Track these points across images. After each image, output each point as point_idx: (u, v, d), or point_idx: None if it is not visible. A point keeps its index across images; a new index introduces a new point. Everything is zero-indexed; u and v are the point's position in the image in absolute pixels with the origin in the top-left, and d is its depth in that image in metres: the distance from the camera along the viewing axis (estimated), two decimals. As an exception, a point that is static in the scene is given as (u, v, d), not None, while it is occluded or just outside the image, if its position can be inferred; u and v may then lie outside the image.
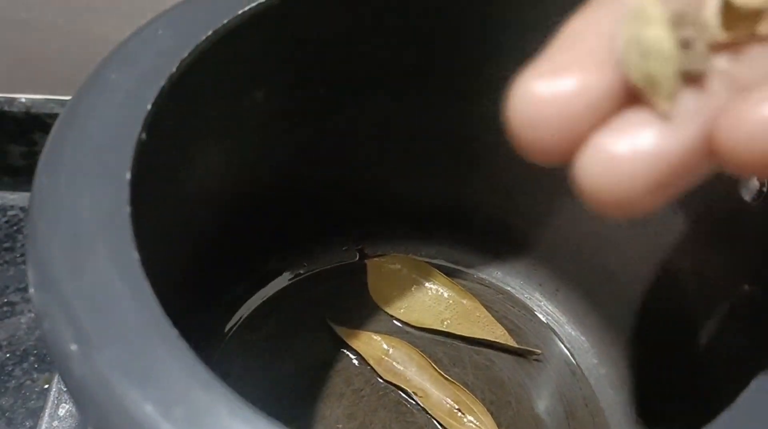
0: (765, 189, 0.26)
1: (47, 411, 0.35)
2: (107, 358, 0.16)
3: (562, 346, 0.39)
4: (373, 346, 0.38)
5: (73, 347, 0.17)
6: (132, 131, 0.21)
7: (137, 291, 0.17)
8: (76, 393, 0.17)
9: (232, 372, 0.36)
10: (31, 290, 0.18)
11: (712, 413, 0.18)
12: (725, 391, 0.19)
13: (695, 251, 0.30)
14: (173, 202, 0.28)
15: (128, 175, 0.20)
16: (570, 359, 0.38)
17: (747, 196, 0.26)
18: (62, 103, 0.44)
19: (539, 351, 0.38)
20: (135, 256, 0.18)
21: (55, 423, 0.35)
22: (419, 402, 0.36)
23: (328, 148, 0.36)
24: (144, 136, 0.21)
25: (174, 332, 0.16)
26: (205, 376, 0.16)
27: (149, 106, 0.21)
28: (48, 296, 0.18)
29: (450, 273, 0.41)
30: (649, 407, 0.35)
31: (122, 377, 0.16)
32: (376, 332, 0.38)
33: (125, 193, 0.19)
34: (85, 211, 0.19)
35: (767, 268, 0.25)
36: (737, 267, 0.28)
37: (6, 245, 0.44)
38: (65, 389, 0.36)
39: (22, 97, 0.43)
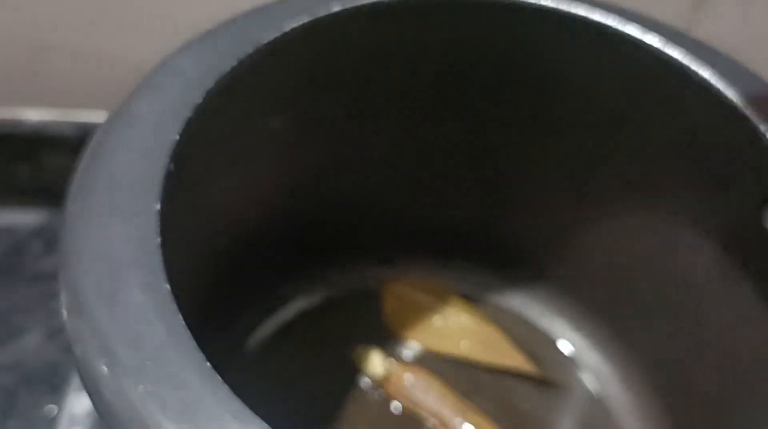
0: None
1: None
2: (140, 387, 0.16)
3: (585, 375, 0.38)
4: (389, 372, 0.38)
5: (109, 381, 0.17)
6: (160, 162, 0.21)
7: (170, 323, 0.17)
8: (107, 417, 0.17)
9: (244, 399, 0.36)
10: (64, 313, 0.19)
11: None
12: (755, 423, 0.19)
13: (724, 280, 0.30)
14: (196, 230, 0.28)
15: (157, 206, 0.20)
16: (593, 389, 0.38)
17: (772, 225, 0.26)
18: (71, 124, 0.43)
19: (560, 380, 0.38)
20: (166, 287, 0.18)
21: None
22: (439, 431, 0.36)
23: (346, 173, 0.36)
24: (172, 166, 0.21)
25: (207, 365, 0.16)
26: (240, 410, 0.16)
27: (177, 137, 0.22)
28: (80, 322, 0.18)
29: (469, 298, 0.40)
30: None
31: (157, 410, 0.16)
32: (393, 358, 0.38)
33: (155, 224, 0.19)
34: (116, 240, 0.19)
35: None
36: (765, 297, 0.28)
37: (12, 266, 0.44)
38: (74, 414, 0.36)
39: (30, 116, 0.43)
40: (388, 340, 0.39)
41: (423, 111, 0.34)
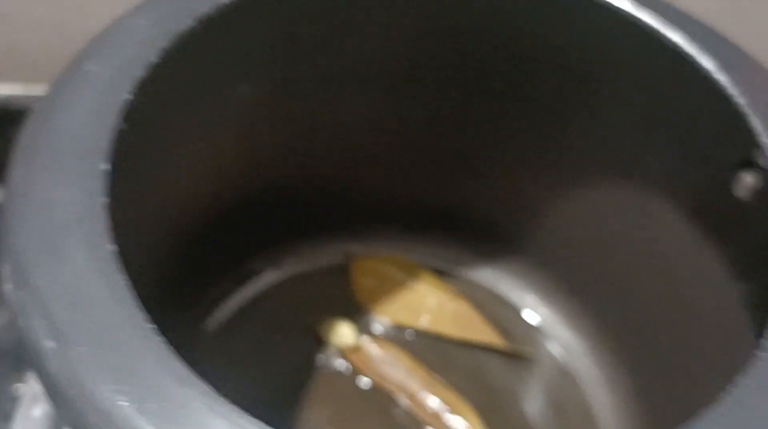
0: (759, 185, 0.25)
1: (20, 412, 0.35)
2: (81, 353, 0.16)
3: (553, 348, 0.38)
4: (358, 346, 0.37)
5: (48, 344, 0.16)
6: (109, 121, 0.20)
7: (112, 284, 0.17)
8: (51, 389, 0.16)
9: (212, 372, 0.35)
10: (7, 286, 0.18)
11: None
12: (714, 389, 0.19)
13: (691, 249, 0.30)
14: (154, 195, 0.27)
15: (105, 166, 0.19)
16: (561, 362, 0.38)
17: (741, 193, 0.26)
18: (37, 98, 0.43)
19: (529, 352, 0.38)
20: (110, 248, 0.17)
21: (29, 424, 0.34)
22: (406, 404, 0.35)
23: (316, 146, 0.36)
24: (121, 126, 0.20)
25: (148, 326, 0.16)
26: (180, 371, 0.15)
27: (128, 96, 0.21)
28: (23, 293, 0.17)
29: (439, 273, 0.40)
30: (643, 410, 0.34)
31: (96, 372, 0.15)
32: (363, 333, 0.38)
33: (101, 184, 0.18)
34: (60, 203, 0.18)
35: (760, 266, 0.24)
36: (732, 264, 0.27)
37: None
38: (41, 389, 0.35)
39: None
40: (357, 314, 0.39)
41: (396, 82, 0.33)
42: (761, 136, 0.23)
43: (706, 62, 0.25)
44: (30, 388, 0.36)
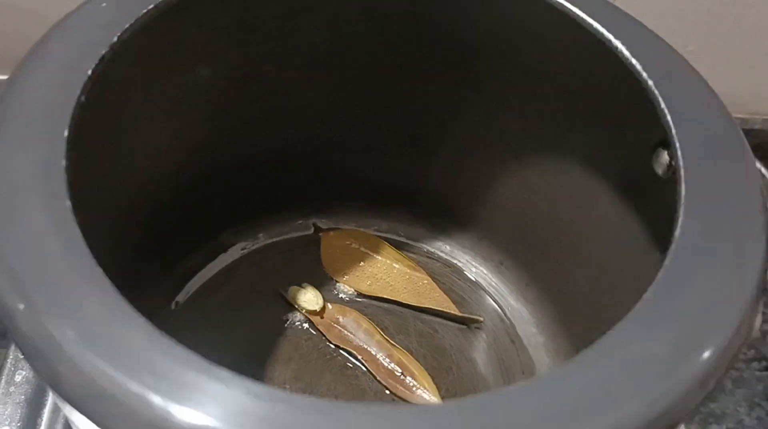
0: (674, 163, 0.27)
1: (3, 378, 0.37)
2: (39, 301, 0.18)
3: (504, 316, 0.41)
4: (323, 313, 0.40)
5: (10, 297, 0.18)
6: (71, 95, 0.22)
7: (67, 236, 0.19)
8: (10, 331, 0.18)
9: (182, 339, 0.38)
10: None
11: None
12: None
13: (617, 224, 0.32)
14: (120, 168, 0.30)
15: (66, 133, 0.21)
16: (510, 329, 0.40)
17: (659, 170, 0.28)
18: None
19: (481, 318, 0.40)
20: (67, 205, 0.19)
21: (12, 389, 0.36)
22: (364, 365, 0.38)
23: (280, 124, 0.38)
24: (83, 98, 0.22)
25: (99, 271, 0.18)
26: (124, 309, 0.18)
27: (89, 72, 0.23)
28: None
29: (400, 246, 0.43)
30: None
31: (50, 318, 0.17)
32: (327, 301, 0.40)
33: (62, 149, 0.21)
34: (21, 166, 0.20)
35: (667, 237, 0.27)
36: (652, 237, 0.30)
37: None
38: (20, 357, 0.37)
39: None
40: (323, 282, 0.41)
41: (347, 65, 0.35)
42: (668, 118, 0.25)
43: (620, 45, 0.27)
44: (13, 353, 0.38)
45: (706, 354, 0.19)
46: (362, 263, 0.42)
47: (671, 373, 0.19)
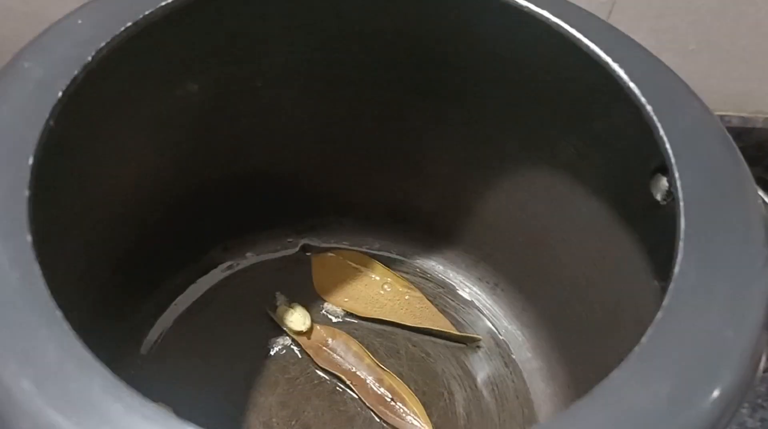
0: (673, 189, 0.26)
1: None
2: None
3: (498, 339, 0.39)
4: (312, 335, 0.39)
5: None
6: (39, 118, 0.21)
7: (25, 273, 0.18)
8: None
9: (169, 358, 0.37)
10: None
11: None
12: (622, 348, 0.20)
13: (617, 248, 0.31)
14: (100, 189, 0.29)
15: (31, 160, 0.20)
16: (504, 352, 0.39)
17: (658, 196, 0.27)
18: None
19: (480, 337, 0.39)
20: (28, 239, 0.18)
21: None
22: (353, 390, 0.37)
23: (267, 144, 0.37)
24: (52, 122, 0.21)
25: (57, 313, 0.17)
26: (82, 355, 0.16)
27: (60, 94, 0.22)
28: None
29: (394, 266, 0.41)
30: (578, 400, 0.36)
31: (7, 365, 0.16)
32: (316, 322, 0.39)
33: (25, 177, 0.20)
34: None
35: (668, 265, 0.26)
36: (651, 265, 0.29)
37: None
38: None
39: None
40: (313, 304, 0.40)
41: (344, 81, 0.34)
42: (667, 146, 0.24)
43: (621, 71, 0.26)
44: None
45: (708, 404, 0.18)
46: (354, 283, 0.41)
47: (668, 426, 0.17)
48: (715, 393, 0.18)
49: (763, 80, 0.45)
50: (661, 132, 0.24)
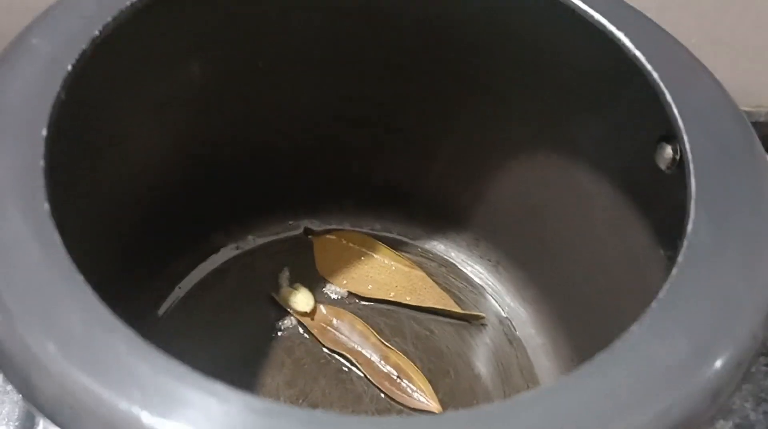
0: (678, 157, 0.27)
1: (0, 377, 0.35)
2: (16, 312, 0.17)
3: (502, 316, 0.40)
4: (317, 316, 0.39)
5: None
6: (51, 91, 0.21)
7: (45, 241, 0.18)
8: None
9: (174, 341, 0.36)
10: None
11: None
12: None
13: (620, 221, 0.31)
14: (106, 167, 0.29)
15: (44, 132, 0.20)
16: (508, 329, 0.39)
17: (662, 165, 0.27)
18: None
19: (483, 315, 0.39)
20: (46, 207, 0.18)
21: (9, 387, 0.35)
22: (360, 369, 0.37)
23: (272, 123, 0.37)
24: (63, 95, 0.21)
25: (79, 277, 0.17)
26: (105, 317, 0.16)
27: (70, 68, 0.22)
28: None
29: (395, 246, 0.42)
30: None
31: (26, 325, 0.16)
32: (321, 303, 0.39)
33: (40, 149, 0.20)
34: (-1, 166, 0.19)
35: (673, 234, 0.26)
36: (656, 235, 0.29)
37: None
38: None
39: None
40: (317, 285, 0.40)
41: (347, 62, 0.34)
42: (675, 111, 0.24)
43: (626, 39, 0.26)
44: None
45: (724, 359, 0.18)
46: (357, 264, 0.41)
47: (687, 381, 0.18)
48: (731, 347, 0.18)
49: (765, 74, 0.45)
50: (669, 97, 0.25)
